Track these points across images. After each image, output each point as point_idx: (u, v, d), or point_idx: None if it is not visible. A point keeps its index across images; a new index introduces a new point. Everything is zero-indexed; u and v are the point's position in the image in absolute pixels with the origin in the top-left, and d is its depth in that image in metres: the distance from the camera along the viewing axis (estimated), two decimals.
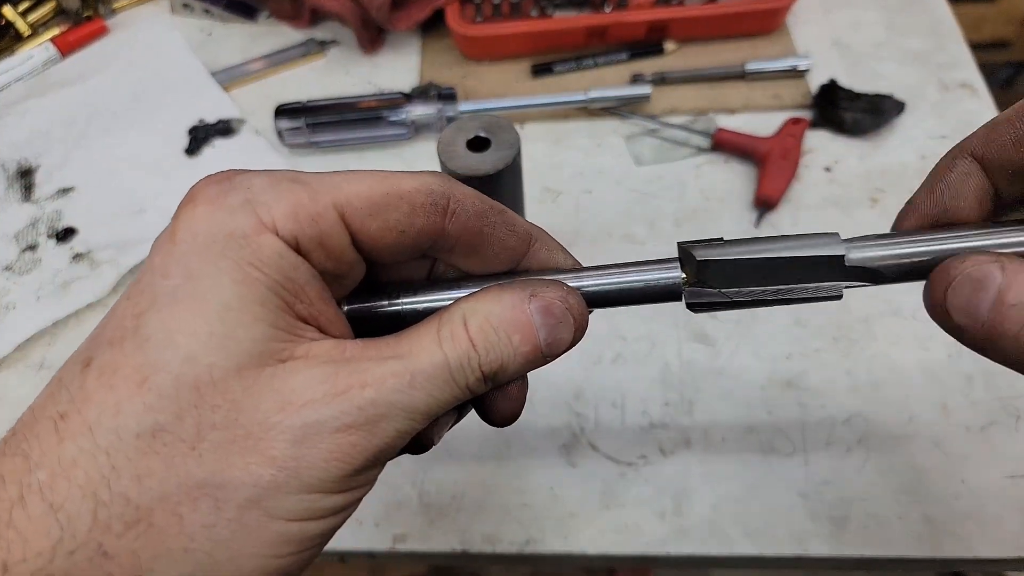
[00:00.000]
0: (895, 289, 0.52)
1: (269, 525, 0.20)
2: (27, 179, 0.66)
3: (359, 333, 0.26)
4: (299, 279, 0.22)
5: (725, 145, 0.63)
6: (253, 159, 0.66)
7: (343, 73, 0.73)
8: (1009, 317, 0.22)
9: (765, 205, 0.60)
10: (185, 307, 0.21)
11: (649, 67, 0.69)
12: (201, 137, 0.68)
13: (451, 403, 0.23)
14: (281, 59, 0.74)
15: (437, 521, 0.47)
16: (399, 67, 0.73)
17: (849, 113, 0.63)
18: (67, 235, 0.62)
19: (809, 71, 0.67)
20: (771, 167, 0.60)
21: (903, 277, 0.25)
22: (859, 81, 0.66)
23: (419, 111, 0.64)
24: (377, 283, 0.27)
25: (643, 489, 0.48)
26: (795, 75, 0.67)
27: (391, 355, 0.23)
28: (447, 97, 0.65)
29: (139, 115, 0.70)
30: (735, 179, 0.62)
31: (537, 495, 0.48)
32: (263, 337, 0.21)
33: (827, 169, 0.62)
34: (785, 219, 0.59)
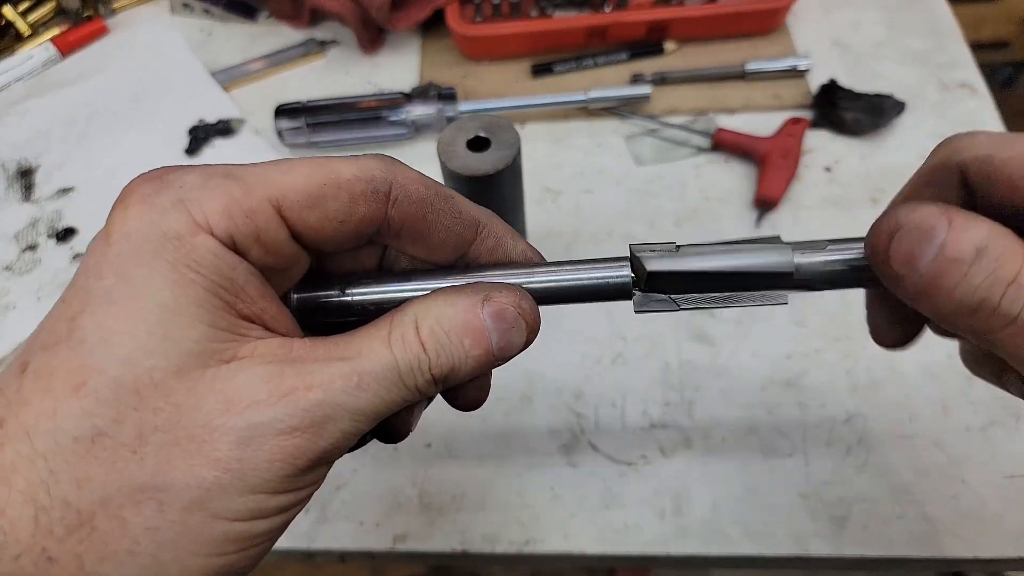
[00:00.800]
0: None
1: (213, 525, 0.20)
2: (27, 179, 0.66)
3: (308, 324, 0.26)
4: (237, 278, 0.22)
5: (725, 145, 0.63)
6: (253, 159, 0.65)
7: (343, 73, 0.73)
8: (947, 271, 0.22)
9: (765, 205, 0.60)
10: (121, 308, 0.20)
11: (649, 67, 0.69)
12: (201, 137, 0.68)
13: (400, 405, 0.23)
14: (281, 59, 0.74)
15: (437, 521, 0.47)
16: (399, 67, 0.73)
17: (849, 113, 0.63)
18: (67, 235, 0.62)
19: (809, 71, 0.67)
20: (771, 167, 0.60)
21: (852, 283, 0.25)
22: (859, 81, 0.66)
23: (419, 111, 0.65)
24: (327, 272, 0.27)
25: (643, 489, 0.48)
26: (795, 75, 0.67)
27: (339, 356, 0.22)
28: (447, 97, 0.65)
29: (139, 115, 0.70)
30: (735, 179, 0.62)
31: (537, 495, 0.48)
32: (203, 337, 0.21)
33: (827, 169, 0.62)
34: (785, 219, 0.59)
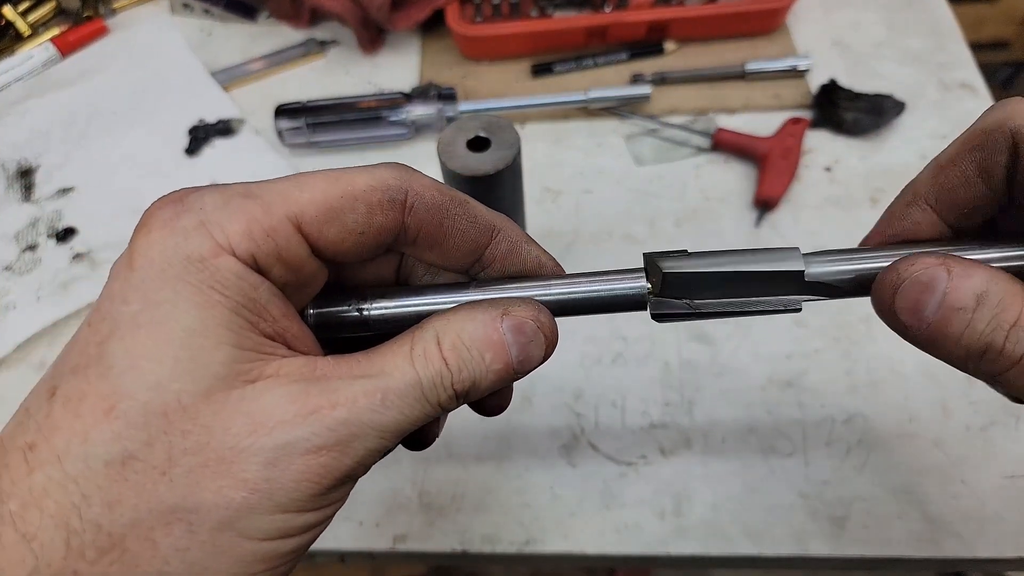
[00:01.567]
0: None
1: (243, 545, 0.21)
2: (27, 179, 0.66)
3: (325, 338, 0.26)
4: (260, 298, 0.22)
5: (725, 145, 0.63)
6: (253, 159, 0.66)
7: (343, 73, 0.73)
8: (953, 320, 0.23)
9: (765, 205, 0.60)
10: (147, 333, 0.21)
11: (649, 67, 0.69)
12: (201, 137, 0.68)
13: (422, 421, 0.23)
14: (281, 59, 0.74)
15: (437, 521, 0.47)
16: (399, 67, 0.73)
17: (849, 113, 0.63)
18: (67, 235, 0.62)
19: (809, 71, 0.67)
20: (771, 167, 0.60)
21: (862, 291, 0.26)
22: (859, 81, 0.66)
23: (419, 111, 0.64)
24: (343, 285, 0.27)
25: (643, 489, 0.48)
26: (795, 75, 0.67)
27: (362, 374, 0.23)
28: (447, 97, 0.65)
29: (139, 115, 0.70)
30: (735, 179, 0.62)
31: (537, 495, 0.48)
32: (229, 359, 0.21)
33: (827, 169, 0.62)
34: (785, 219, 0.59)
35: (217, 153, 0.67)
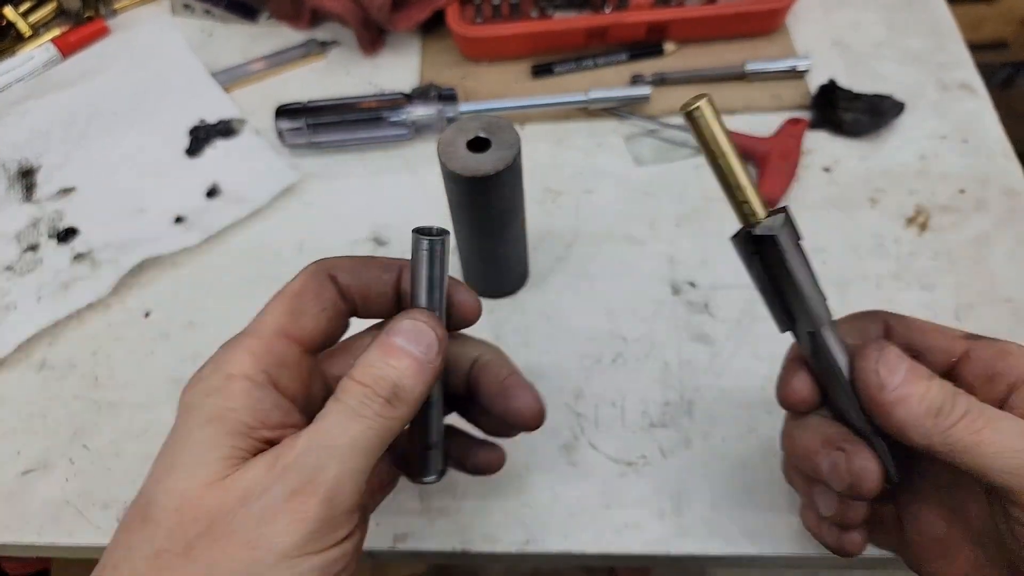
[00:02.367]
0: (895, 288, 0.53)
1: None
2: (28, 179, 0.66)
3: None
4: (263, 407, 0.28)
5: None
6: (254, 159, 0.66)
7: (343, 74, 0.73)
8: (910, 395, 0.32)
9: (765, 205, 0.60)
10: (169, 452, 0.27)
11: (649, 68, 0.69)
12: (202, 137, 0.68)
13: (374, 433, 0.28)
14: (282, 60, 0.74)
15: (437, 521, 0.47)
16: (399, 68, 0.73)
17: (849, 113, 0.63)
18: (68, 235, 0.62)
19: (809, 71, 0.67)
20: (771, 167, 0.60)
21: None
22: (859, 81, 0.66)
23: (419, 111, 0.65)
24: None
25: (643, 489, 0.48)
26: (795, 75, 0.67)
27: (309, 425, 0.28)
28: (447, 98, 0.65)
29: (140, 115, 0.70)
30: None
31: (537, 495, 0.48)
32: (228, 456, 0.27)
33: (827, 169, 0.62)
34: None
35: (218, 153, 0.67)
